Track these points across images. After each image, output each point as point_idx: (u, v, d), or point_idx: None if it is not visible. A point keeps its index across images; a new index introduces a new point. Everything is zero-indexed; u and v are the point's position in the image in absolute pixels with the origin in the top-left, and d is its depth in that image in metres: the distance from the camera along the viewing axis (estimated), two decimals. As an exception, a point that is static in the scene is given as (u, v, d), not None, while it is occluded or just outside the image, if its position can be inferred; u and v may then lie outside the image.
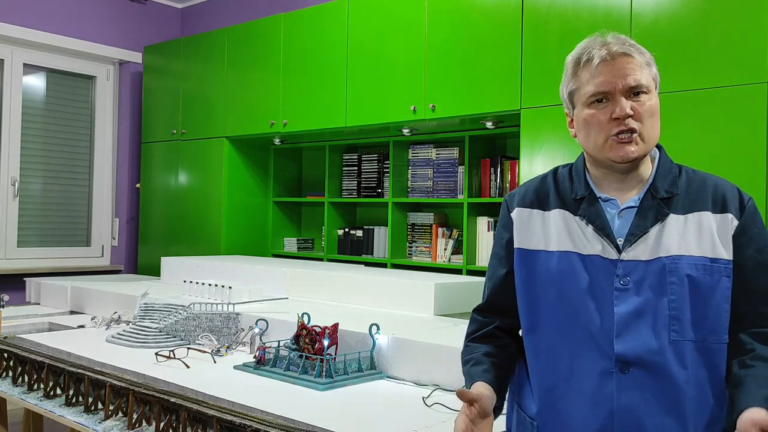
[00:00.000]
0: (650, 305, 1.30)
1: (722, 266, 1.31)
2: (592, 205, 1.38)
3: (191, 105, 5.09)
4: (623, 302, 1.31)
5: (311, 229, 5.16)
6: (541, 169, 3.30)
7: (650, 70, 1.36)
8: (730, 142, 2.78)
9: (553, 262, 1.37)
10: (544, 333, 1.39)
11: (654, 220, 1.33)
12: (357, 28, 4.10)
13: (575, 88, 1.39)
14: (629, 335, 1.30)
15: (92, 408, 2.18)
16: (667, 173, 1.38)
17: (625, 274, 1.32)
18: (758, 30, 2.73)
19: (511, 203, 1.49)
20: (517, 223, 1.45)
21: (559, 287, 1.36)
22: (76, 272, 5.25)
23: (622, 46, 1.34)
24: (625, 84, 1.32)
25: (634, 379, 1.29)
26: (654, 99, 1.35)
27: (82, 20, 5.40)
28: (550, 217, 1.41)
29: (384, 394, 2.05)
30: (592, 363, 1.32)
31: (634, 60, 1.33)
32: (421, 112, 3.76)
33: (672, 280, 1.30)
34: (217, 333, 2.69)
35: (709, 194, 1.36)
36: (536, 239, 1.41)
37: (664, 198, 1.35)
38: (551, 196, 1.44)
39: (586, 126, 1.37)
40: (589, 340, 1.33)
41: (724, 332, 1.32)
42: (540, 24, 3.32)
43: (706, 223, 1.33)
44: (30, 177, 5.26)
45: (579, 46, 1.40)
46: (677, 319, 1.29)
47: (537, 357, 1.41)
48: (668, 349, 1.29)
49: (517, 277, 1.43)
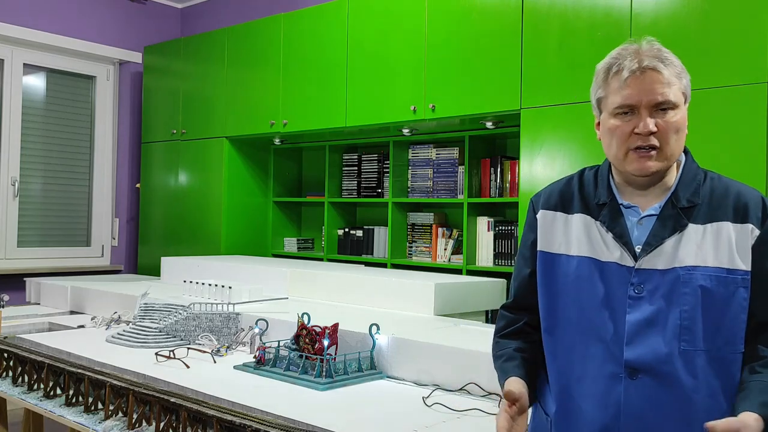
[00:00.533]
0: (662, 314, 1.32)
1: (739, 277, 1.31)
2: (613, 211, 1.39)
3: (191, 105, 5.09)
4: (636, 310, 1.33)
5: (311, 229, 5.16)
6: (541, 169, 3.30)
7: (680, 83, 1.35)
8: (730, 142, 2.77)
9: (572, 266, 1.40)
10: (560, 335, 1.42)
11: (672, 230, 1.34)
12: (357, 28, 4.10)
13: (603, 96, 1.40)
14: (639, 343, 1.32)
15: (92, 408, 2.18)
16: (691, 181, 1.38)
17: (640, 282, 1.33)
18: (758, 30, 2.73)
19: (536, 204, 1.52)
20: (541, 226, 1.48)
21: (576, 292, 1.39)
22: (76, 272, 5.25)
23: (653, 60, 1.33)
24: (652, 100, 1.32)
25: (643, 386, 1.31)
26: (680, 114, 1.35)
27: (82, 20, 5.40)
28: (572, 221, 1.44)
29: (384, 394, 2.05)
30: (602, 367, 1.34)
31: (663, 75, 1.32)
32: (421, 112, 3.76)
33: (685, 291, 1.31)
34: (217, 333, 2.69)
35: (731, 203, 1.35)
36: (558, 243, 1.44)
37: (684, 207, 1.35)
38: (575, 199, 1.45)
39: (610, 134, 1.38)
40: (601, 345, 1.35)
41: (741, 342, 1.32)
42: (540, 24, 3.32)
43: (725, 234, 1.33)
44: (30, 177, 5.26)
45: (611, 53, 1.40)
46: (688, 330, 1.30)
47: (554, 357, 1.44)
48: (678, 359, 1.30)
49: (538, 279, 1.47)
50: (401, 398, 2.01)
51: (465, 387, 2.04)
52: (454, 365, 2.09)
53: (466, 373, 2.05)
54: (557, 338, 1.43)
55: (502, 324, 1.57)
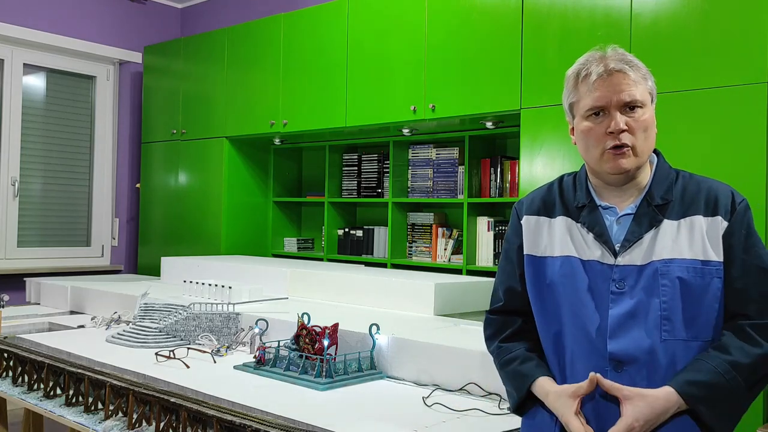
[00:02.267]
0: (643, 307, 1.37)
1: (713, 268, 1.37)
2: (592, 212, 1.45)
3: (191, 105, 5.09)
4: (618, 305, 1.38)
5: (311, 229, 5.16)
6: (541, 169, 3.30)
7: (646, 84, 1.42)
8: (730, 142, 2.77)
9: (556, 266, 1.46)
10: (550, 333, 1.47)
11: (648, 226, 1.40)
12: (357, 28, 4.09)
13: (575, 101, 1.47)
14: (622, 335, 1.37)
15: (92, 408, 2.19)
16: (663, 179, 1.45)
17: (621, 278, 1.39)
18: (758, 30, 2.73)
19: (520, 211, 1.58)
20: (526, 231, 1.54)
21: (561, 291, 1.44)
22: (76, 272, 5.25)
23: (619, 63, 1.40)
24: (620, 99, 1.39)
25: (629, 377, 1.35)
26: (648, 113, 1.42)
27: (82, 20, 5.40)
28: (555, 225, 1.49)
29: (384, 394, 2.05)
30: (589, 362, 1.39)
31: (629, 76, 1.40)
32: (421, 112, 3.76)
33: (663, 283, 1.36)
34: (217, 333, 2.69)
35: (702, 198, 1.42)
36: (543, 246, 1.50)
37: (659, 205, 1.42)
38: (557, 204, 1.52)
39: (584, 137, 1.45)
40: (587, 340, 1.40)
41: (714, 331, 1.38)
42: (540, 24, 3.32)
43: (698, 227, 1.39)
44: (30, 177, 5.26)
45: (579, 60, 1.47)
46: (668, 320, 1.36)
47: (546, 354, 1.50)
48: (660, 348, 1.35)
49: (527, 282, 1.52)
50: (401, 398, 2.01)
51: (465, 387, 2.04)
52: (454, 365, 2.09)
53: (466, 373, 2.05)
54: (546, 336, 1.48)
55: (496, 329, 1.58)
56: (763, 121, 2.70)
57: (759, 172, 2.69)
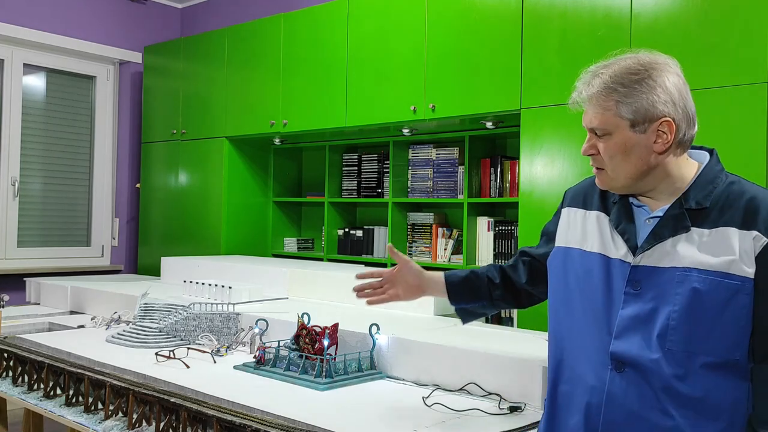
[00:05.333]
0: (653, 313, 1.34)
1: (737, 283, 1.29)
2: (622, 210, 1.45)
3: (191, 105, 5.09)
4: (629, 306, 1.37)
5: (311, 229, 5.16)
6: (541, 169, 3.30)
7: (616, 110, 1.36)
8: (729, 142, 2.77)
9: (583, 260, 1.47)
10: (563, 320, 1.50)
11: (673, 231, 1.35)
12: (357, 28, 4.09)
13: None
14: (626, 338, 1.36)
15: (92, 408, 2.18)
16: (706, 183, 1.38)
17: (637, 279, 1.37)
18: (758, 30, 2.73)
19: (565, 200, 1.62)
20: (562, 222, 1.57)
21: (584, 284, 1.45)
22: (76, 272, 5.25)
23: (589, 89, 1.41)
24: (587, 126, 1.43)
25: (629, 379, 1.35)
26: (614, 140, 1.38)
27: (82, 20, 5.40)
28: (589, 218, 1.50)
29: (384, 394, 2.05)
30: (595, 356, 1.39)
31: (592, 103, 1.41)
32: (421, 112, 3.76)
33: (677, 291, 1.32)
34: (217, 333, 2.69)
35: (741, 208, 1.33)
36: (573, 238, 1.51)
37: (692, 209, 1.36)
38: (596, 197, 1.52)
39: None
40: (597, 336, 1.40)
41: (736, 348, 1.30)
42: (540, 24, 3.32)
43: (729, 239, 1.31)
44: (30, 177, 5.26)
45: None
46: (675, 330, 1.31)
47: (553, 337, 1.53)
48: (663, 357, 1.31)
49: (551, 268, 1.57)
50: (401, 398, 2.01)
51: (465, 387, 2.04)
52: (454, 365, 2.09)
53: (466, 373, 2.05)
54: (560, 322, 1.51)
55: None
56: (763, 121, 2.70)
57: (759, 172, 2.69)
